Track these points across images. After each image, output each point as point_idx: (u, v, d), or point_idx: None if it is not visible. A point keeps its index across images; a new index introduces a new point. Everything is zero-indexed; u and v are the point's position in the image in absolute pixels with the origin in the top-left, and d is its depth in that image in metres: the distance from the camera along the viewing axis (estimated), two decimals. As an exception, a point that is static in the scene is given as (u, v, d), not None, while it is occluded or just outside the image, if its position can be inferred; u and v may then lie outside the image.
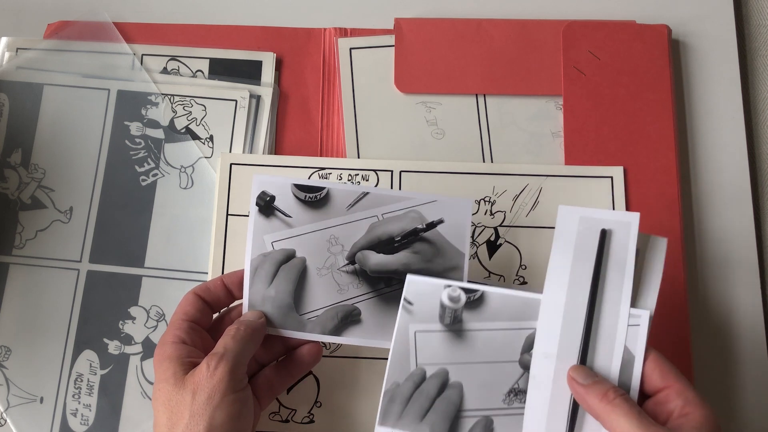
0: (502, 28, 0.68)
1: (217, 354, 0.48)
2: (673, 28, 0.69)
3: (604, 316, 0.47)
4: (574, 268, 0.48)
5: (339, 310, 0.54)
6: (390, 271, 0.54)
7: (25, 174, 0.65)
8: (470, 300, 0.50)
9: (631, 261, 0.47)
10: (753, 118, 0.70)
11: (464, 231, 0.54)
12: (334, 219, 0.55)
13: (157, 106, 0.67)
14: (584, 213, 0.48)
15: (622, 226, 0.48)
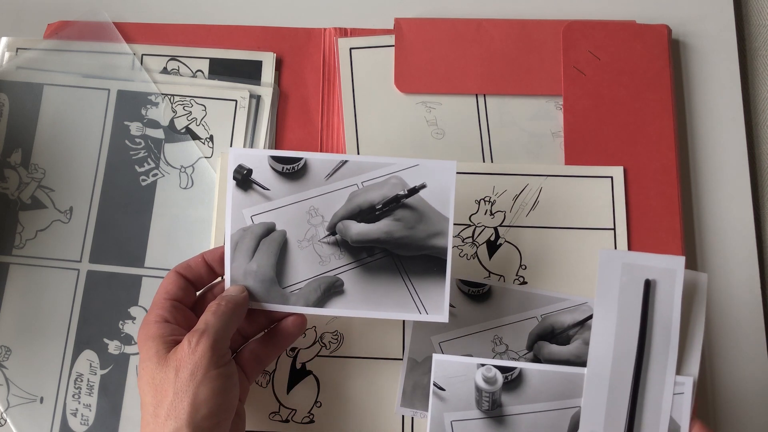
0: (502, 28, 0.68)
1: (198, 330, 0.48)
2: (673, 28, 0.69)
3: (649, 386, 0.45)
4: (618, 332, 0.46)
5: (321, 282, 0.54)
6: (372, 240, 0.53)
7: (25, 174, 0.65)
8: (507, 380, 0.47)
9: (677, 319, 0.45)
10: (753, 118, 0.70)
11: (448, 195, 0.53)
12: (313, 190, 0.54)
13: (157, 106, 0.67)
14: (626, 259, 0.46)
15: (667, 275, 0.45)
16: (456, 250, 0.62)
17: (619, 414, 0.46)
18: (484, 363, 0.48)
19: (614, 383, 0.46)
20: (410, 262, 0.54)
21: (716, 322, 0.63)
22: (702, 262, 0.64)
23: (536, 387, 0.48)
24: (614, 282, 0.46)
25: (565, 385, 0.47)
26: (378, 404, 0.59)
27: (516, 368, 0.48)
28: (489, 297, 0.60)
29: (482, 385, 0.48)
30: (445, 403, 0.48)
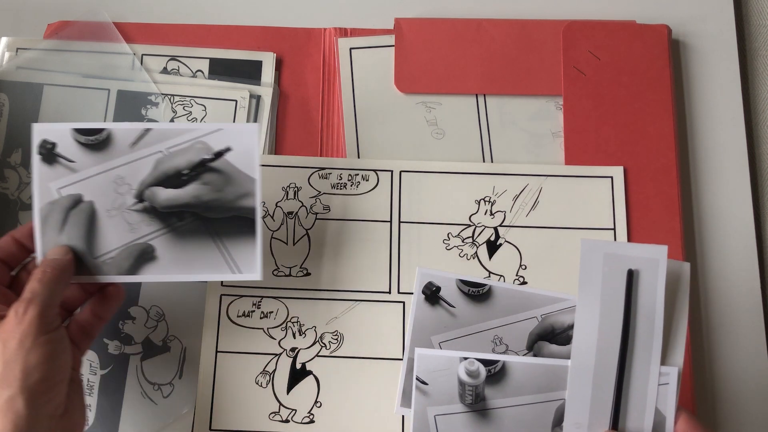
0: (502, 28, 0.68)
1: (24, 299, 0.48)
2: (673, 28, 0.69)
3: (634, 376, 0.45)
4: (602, 322, 0.46)
5: (133, 249, 0.54)
6: (181, 204, 0.55)
7: (25, 174, 0.65)
8: (491, 373, 0.47)
9: (660, 309, 0.45)
10: (753, 118, 0.70)
11: (252, 156, 0.54)
12: (119, 159, 0.55)
13: (157, 106, 0.67)
14: (608, 249, 0.46)
15: (650, 265, 0.45)
16: (456, 250, 0.62)
17: (604, 406, 0.46)
18: (467, 357, 0.48)
19: (598, 375, 0.46)
20: (220, 224, 0.55)
21: (716, 321, 0.63)
22: (702, 262, 0.64)
23: (520, 380, 0.47)
24: (596, 272, 0.46)
25: (548, 378, 0.47)
26: (378, 404, 0.59)
27: (499, 362, 0.48)
28: (489, 297, 0.60)
29: (465, 379, 0.48)
30: (429, 398, 0.48)
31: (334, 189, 0.64)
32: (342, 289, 0.62)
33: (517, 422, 0.47)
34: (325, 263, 0.62)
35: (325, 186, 0.64)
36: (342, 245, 0.62)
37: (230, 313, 0.61)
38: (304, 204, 0.63)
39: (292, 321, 0.61)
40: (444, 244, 0.63)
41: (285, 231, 0.63)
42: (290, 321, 0.61)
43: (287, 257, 0.62)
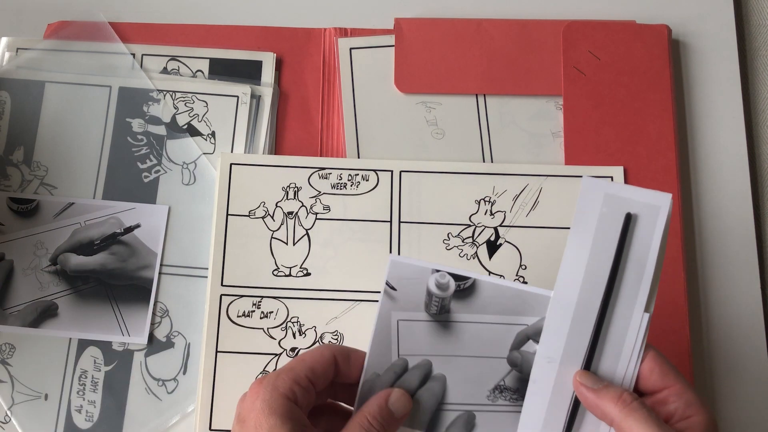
0: (502, 28, 0.68)
1: None
2: (673, 28, 0.69)
3: (614, 321, 0.44)
4: (591, 260, 0.44)
5: (39, 305, 0.62)
6: (88, 270, 0.63)
7: (27, 171, 0.65)
8: (460, 288, 0.47)
9: (653, 257, 0.44)
10: (753, 118, 0.70)
11: (158, 233, 0.62)
12: (42, 227, 0.64)
13: (158, 103, 0.67)
14: (610, 189, 0.44)
15: (650, 211, 0.44)
16: (456, 250, 0.63)
17: (580, 345, 0.45)
18: (440, 269, 0.47)
19: (578, 313, 0.44)
20: (120, 290, 0.63)
21: (716, 321, 0.63)
22: (702, 262, 0.64)
23: (487, 299, 0.47)
24: (594, 211, 0.44)
25: (515, 302, 0.47)
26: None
27: (470, 278, 0.47)
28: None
29: (434, 290, 0.47)
30: (395, 303, 0.48)
31: (334, 189, 0.64)
32: (342, 289, 0.62)
33: (476, 338, 0.47)
34: (325, 263, 0.62)
35: (325, 186, 0.64)
36: (342, 245, 0.63)
37: (230, 313, 0.61)
38: (304, 204, 0.63)
39: (292, 321, 0.61)
40: (444, 244, 0.63)
41: (285, 231, 0.63)
42: (290, 321, 0.61)
43: (287, 257, 0.62)
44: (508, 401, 0.47)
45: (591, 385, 0.43)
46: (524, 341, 0.47)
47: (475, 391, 0.47)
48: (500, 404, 0.47)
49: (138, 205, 0.65)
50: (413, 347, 0.47)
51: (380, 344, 0.48)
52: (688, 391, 0.43)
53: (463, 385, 0.47)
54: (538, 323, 0.46)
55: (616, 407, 0.42)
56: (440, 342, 0.47)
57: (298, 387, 0.43)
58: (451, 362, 0.47)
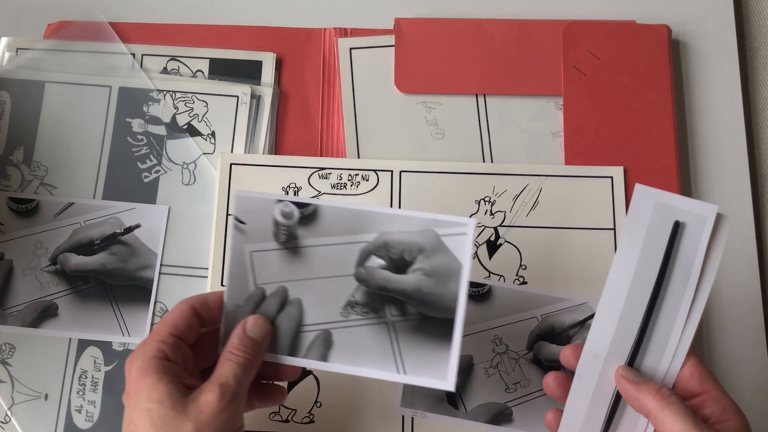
0: (502, 28, 0.68)
1: (230, 387, 0.45)
2: (673, 28, 0.69)
3: (660, 321, 0.47)
4: (640, 263, 0.47)
5: (38, 305, 0.62)
6: (88, 270, 0.63)
7: (27, 171, 0.65)
8: (303, 215, 0.50)
9: (698, 265, 0.46)
10: (753, 118, 0.70)
11: (158, 233, 0.60)
12: (42, 226, 0.64)
13: (158, 103, 0.67)
14: (660, 198, 0.47)
15: (697, 221, 0.46)
16: (456, 250, 0.63)
17: (625, 343, 0.47)
18: (282, 199, 0.50)
19: (626, 313, 0.47)
20: (120, 290, 0.63)
21: (716, 321, 0.63)
22: (701, 262, 0.64)
23: (329, 222, 0.50)
24: (644, 217, 0.47)
25: (355, 222, 0.49)
26: (378, 404, 0.59)
27: (311, 205, 0.50)
28: (489, 297, 0.60)
29: (280, 219, 0.50)
30: (246, 236, 0.50)
31: (334, 189, 0.64)
32: (342, 289, 0.62)
33: (324, 260, 0.50)
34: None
35: (325, 186, 0.64)
36: (342, 245, 0.63)
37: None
38: (304, 204, 0.64)
39: (292, 321, 0.61)
40: (444, 244, 0.63)
41: (285, 231, 0.63)
42: (290, 321, 0.61)
43: (287, 257, 0.62)
44: (360, 315, 0.50)
45: (632, 378, 0.46)
46: (367, 257, 0.50)
47: (329, 309, 0.50)
48: (353, 319, 0.50)
49: (138, 205, 0.64)
50: (268, 276, 0.51)
51: (236, 277, 0.50)
52: (726, 397, 0.45)
53: (318, 305, 0.50)
54: (378, 239, 0.49)
55: (654, 399, 0.44)
56: (292, 268, 0.51)
57: (165, 345, 0.46)
58: (305, 285, 0.50)
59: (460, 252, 0.48)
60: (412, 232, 0.49)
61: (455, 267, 0.48)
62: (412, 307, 0.50)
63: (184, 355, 0.48)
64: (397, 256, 0.49)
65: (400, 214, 0.49)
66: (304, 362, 0.50)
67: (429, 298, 0.49)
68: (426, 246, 0.49)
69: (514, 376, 0.59)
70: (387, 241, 0.49)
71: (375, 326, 0.50)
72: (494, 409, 0.58)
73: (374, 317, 0.50)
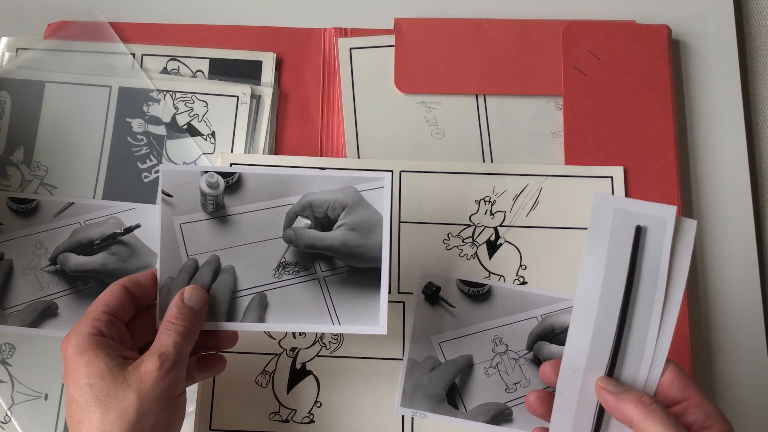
0: (502, 28, 0.68)
1: (170, 355, 0.47)
2: (673, 28, 0.69)
3: (634, 329, 0.46)
4: (607, 273, 0.46)
5: (38, 305, 0.62)
6: (88, 270, 0.62)
7: (27, 171, 0.65)
8: (229, 184, 0.52)
9: (664, 269, 0.46)
10: (753, 118, 0.70)
11: (159, 233, 0.59)
12: (42, 226, 0.64)
13: (158, 103, 0.67)
14: (619, 204, 0.46)
15: (658, 224, 0.46)
16: (456, 250, 0.63)
17: (602, 354, 0.47)
18: (207, 170, 0.51)
19: (599, 324, 0.47)
20: None
21: (716, 321, 0.63)
22: (702, 262, 0.64)
23: (254, 189, 0.52)
24: (605, 225, 0.46)
25: (279, 186, 0.52)
26: (378, 404, 0.59)
27: (235, 174, 0.52)
28: (489, 297, 0.60)
29: (206, 190, 0.52)
30: (174, 208, 0.52)
31: (334, 189, 0.64)
32: (342, 289, 0.62)
33: (253, 226, 0.52)
34: (325, 263, 0.62)
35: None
36: (342, 245, 0.63)
37: (230, 313, 0.62)
38: (304, 204, 0.64)
39: (292, 321, 0.61)
40: (444, 244, 0.63)
41: (285, 231, 0.63)
42: (290, 321, 0.61)
43: (287, 257, 0.62)
44: (292, 274, 0.53)
45: (612, 389, 0.45)
46: (293, 218, 0.53)
47: (262, 272, 0.53)
48: (286, 279, 0.53)
49: (138, 205, 0.64)
50: (199, 246, 0.53)
51: (169, 250, 0.52)
52: (708, 403, 0.45)
53: (251, 270, 0.52)
54: (302, 200, 0.52)
55: (635, 408, 0.44)
56: (222, 236, 0.53)
57: (99, 322, 0.48)
58: (236, 252, 0.53)
59: (380, 204, 0.52)
60: (334, 190, 0.53)
61: (377, 219, 0.52)
62: (340, 260, 0.53)
63: (120, 331, 0.49)
64: (321, 214, 0.53)
65: (321, 175, 0.53)
66: (242, 326, 0.52)
67: (355, 251, 0.52)
68: (348, 202, 0.52)
69: (514, 376, 0.59)
70: (311, 202, 0.53)
71: (307, 283, 0.53)
72: (494, 409, 0.58)
73: (305, 275, 0.53)
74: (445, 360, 0.58)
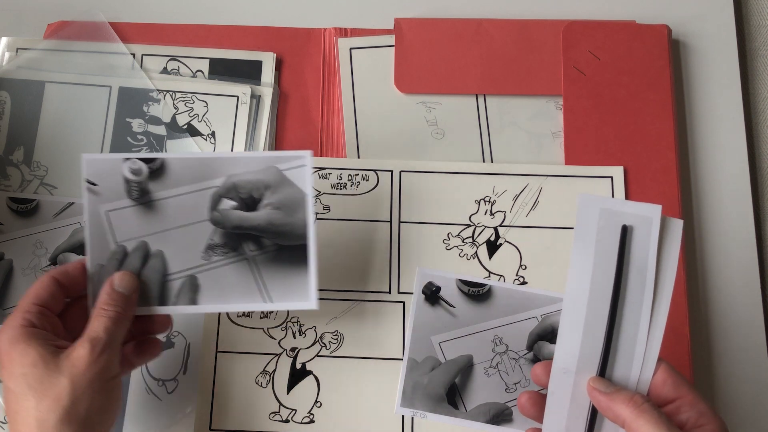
0: (502, 28, 0.68)
1: (98, 339, 0.48)
2: (673, 28, 0.69)
3: (624, 328, 0.46)
4: (595, 273, 0.46)
5: None
6: None
7: (27, 171, 0.65)
8: (152, 170, 0.53)
9: (652, 265, 0.46)
10: (753, 118, 0.70)
11: None
12: (42, 226, 0.64)
13: (158, 103, 0.67)
14: (605, 204, 0.47)
15: (643, 222, 0.46)
16: (456, 250, 0.63)
17: (593, 354, 0.47)
18: (129, 157, 0.52)
19: (589, 323, 0.47)
20: None
21: (716, 321, 0.63)
22: (702, 262, 0.64)
23: (178, 173, 0.54)
24: (592, 226, 0.47)
25: (203, 170, 0.53)
26: (378, 404, 0.59)
27: (157, 159, 0.53)
28: (489, 297, 0.60)
29: (130, 176, 0.53)
30: (99, 197, 0.53)
31: (334, 189, 0.64)
32: (342, 289, 0.62)
33: (179, 210, 0.53)
34: (325, 263, 0.62)
35: (325, 186, 0.64)
36: (342, 245, 0.63)
37: (230, 313, 0.61)
38: (304, 204, 0.64)
39: (292, 321, 0.61)
40: (444, 244, 0.63)
41: (285, 231, 0.63)
42: (290, 321, 0.61)
43: (287, 257, 0.62)
44: (221, 255, 0.54)
45: (603, 389, 0.45)
46: (219, 200, 0.54)
47: (191, 256, 0.54)
48: (215, 260, 0.54)
49: None
50: (127, 233, 0.53)
51: (96, 239, 0.53)
52: (701, 401, 0.44)
53: (180, 253, 0.53)
54: (227, 182, 0.53)
55: (627, 408, 0.44)
56: (149, 222, 0.54)
57: (29, 314, 0.48)
58: (164, 237, 0.54)
59: (302, 182, 0.54)
60: (257, 171, 0.54)
61: (300, 197, 0.54)
62: (267, 239, 0.54)
63: (52, 322, 0.50)
64: (246, 195, 0.54)
65: (242, 156, 0.55)
66: (175, 309, 0.53)
67: (281, 229, 0.54)
68: (271, 182, 0.54)
69: (514, 376, 0.59)
70: (235, 183, 0.54)
71: (237, 263, 0.54)
72: (494, 409, 0.58)
73: (234, 255, 0.54)
74: (445, 360, 0.58)
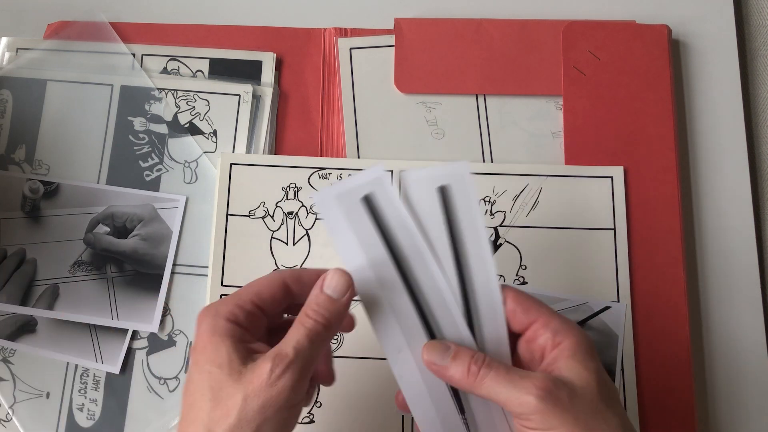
0: (502, 28, 0.68)
1: (285, 358, 0.40)
2: (673, 28, 0.69)
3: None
4: (368, 254, 0.42)
5: (18, 319, 0.62)
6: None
7: (29, 170, 0.65)
8: (48, 191, 0.64)
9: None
10: (753, 118, 0.70)
11: None
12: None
13: (160, 102, 0.67)
14: (336, 190, 0.42)
15: (380, 185, 0.43)
16: (455, 250, 0.63)
17: (413, 321, 0.43)
18: (32, 178, 0.64)
19: (390, 300, 0.42)
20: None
21: (716, 322, 0.63)
22: (702, 262, 0.64)
23: (68, 197, 0.64)
24: (338, 215, 0.43)
25: (89, 197, 0.63)
26: (378, 404, 0.60)
27: (54, 183, 0.64)
28: None
29: (28, 194, 0.64)
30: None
31: (334, 189, 0.64)
32: (342, 289, 0.62)
33: (60, 227, 0.63)
34: (325, 263, 0.62)
35: (325, 186, 0.64)
36: (342, 245, 0.63)
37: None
38: (304, 204, 0.64)
39: (292, 321, 0.61)
40: (443, 244, 0.63)
41: (285, 231, 0.63)
42: (290, 321, 0.61)
43: (287, 257, 0.63)
44: (85, 272, 0.63)
45: (439, 362, 0.42)
46: (95, 225, 0.64)
47: (60, 267, 0.63)
48: (79, 275, 0.63)
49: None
50: (11, 239, 0.63)
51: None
52: (554, 319, 0.41)
53: (51, 264, 0.63)
54: (106, 210, 0.64)
55: (467, 381, 0.41)
56: (33, 233, 0.63)
57: (240, 310, 0.42)
58: (42, 248, 0.63)
59: (172, 221, 0.64)
60: (135, 205, 0.64)
61: (167, 233, 0.64)
62: (129, 265, 0.63)
63: (257, 323, 0.43)
64: (120, 224, 0.64)
65: (127, 192, 0.64)
66: (33, 311, 0.61)
67: (143, 258, 0.63)
68: (144, 216, 0.64)
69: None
70: (113, 212, 0.64)
71: (97, 281, 0.63)
72: None
73: (96, 273, 0.63)
74: None
